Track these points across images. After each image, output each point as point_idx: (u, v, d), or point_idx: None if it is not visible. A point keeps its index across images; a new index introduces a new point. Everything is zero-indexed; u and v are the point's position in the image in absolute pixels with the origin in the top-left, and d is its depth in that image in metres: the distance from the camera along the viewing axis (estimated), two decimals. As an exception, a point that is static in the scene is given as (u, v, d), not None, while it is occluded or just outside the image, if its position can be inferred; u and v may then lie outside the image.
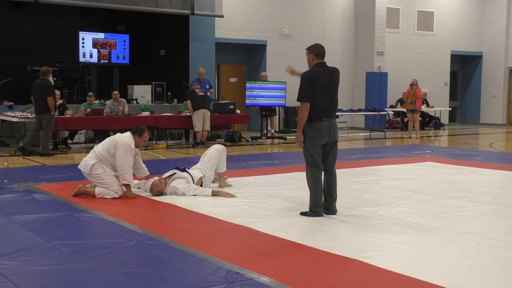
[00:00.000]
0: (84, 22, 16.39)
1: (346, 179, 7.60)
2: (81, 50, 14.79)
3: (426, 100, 18.71)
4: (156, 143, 12.69)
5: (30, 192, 6.88)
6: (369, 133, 16.36)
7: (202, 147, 12.44)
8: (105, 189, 6.52)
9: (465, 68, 22.33)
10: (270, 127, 15.50)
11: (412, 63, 19.97)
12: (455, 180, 8.02)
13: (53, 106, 10.77)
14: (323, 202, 5.70)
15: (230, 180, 7.65)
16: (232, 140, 13.59)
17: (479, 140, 15.95)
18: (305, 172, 5.77)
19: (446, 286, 3.67)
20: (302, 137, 5.69)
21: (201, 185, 6.95)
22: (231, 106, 13.80)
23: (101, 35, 15.24)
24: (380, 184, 7.59)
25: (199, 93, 12.79)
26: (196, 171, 7.01)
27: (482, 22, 21.48)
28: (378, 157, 10.77)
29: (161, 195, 6.72)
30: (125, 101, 13.10)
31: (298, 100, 5.60)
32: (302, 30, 17.77)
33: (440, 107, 19.82)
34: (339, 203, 5.84)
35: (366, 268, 4.06)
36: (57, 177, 7.95)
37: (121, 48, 15.45)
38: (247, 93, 14.63)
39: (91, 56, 15.01)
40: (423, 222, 5.43)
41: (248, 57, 17.97)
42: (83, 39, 14.83)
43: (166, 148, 12.36)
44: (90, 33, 15.07)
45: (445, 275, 3.87)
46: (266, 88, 14.89)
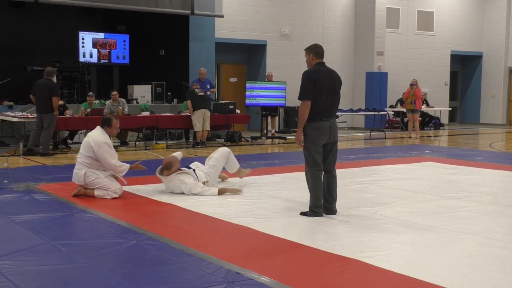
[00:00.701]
0: (84, 22, 16.39)
1: (346, 179, 7.60)
2: (81, 50, 14.79)
3: (426, 100, 18.71)
4: (156, 143, 12.68)
5: (30, 192, 6.88)
6: (369, 133, 16.35)
7: (202, 147, 12.45)
8: (104, 190, 6.54)
9: (465, 68, 22.32)
10: (270, 127, 15.50)
11: (412, 63, 19.97)
12: (455, 180, 8.02)
13: (57, 106, 10.85)
14: (323, 202, 5.70)
15: (230, 180, 7.66)
16: (232, 140, 13.59)
17: (479, 140, 15.95)
18: (305, 172, 5.77)
19: (446, 286, 3.67)
20: (303, 136, 5.69)
21: None
22: (231, 106, 13.81)
23: (101, 35, 15.24)
24: (380, 184, 7.59)
25: (199, 93, 12.78)
26: (202, 174, 7.00)
27: (482, 22, 21.47)
28: (378, 157, 10.77)
29: (168, 169, 6.72)
30: (125, 101, 13.09)
31: (299, 98, 5.58)
32: (302, 30, 17.77)
33: (440, 107, 19.81)
34: (339, 203, 5.84)
35: (366, 268, 4.06)
36: (57, 177, 7.95)
37: (121, 48, 15.45)
38: (247, 93, 14.64)
39: (91, 56, 15.01)
40: (423, 222, 5.43)
41: (248, 57, 17.97)
42: (83, 39, 14.83)
43: (166, 148, 12.36)
44: (90, 33, 15.07)
45: (445, 275, 3.87)
46: (266, 88, 14.89)
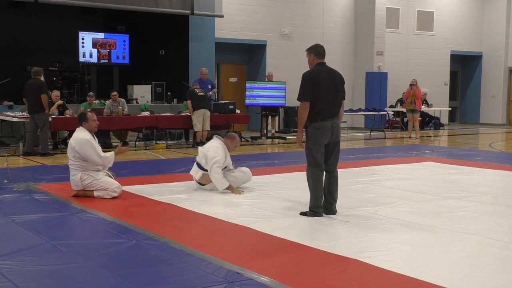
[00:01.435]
0: (84, 22, 16.39)
1: (346, 179, 7.59)
2: (81, 50, 14.78)
3: (426, 100, 18.70)
4: (156, 143, 12.68)
5: (30, 192, 6.88)
6: (369, 133, 16.35)
7: (202, 147, 12.44)
8: (103, 190, 6.55)
9: (465, 68, 22.32)
10: (270, 127, 15.49)
11: (412, 63, 19.96)
12: (455, 180, 8.02)
13: (47, 104, 10.68)
14: (323, 202, 5.70)
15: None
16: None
17: (479, 140, 15.95)
18: (305, 172, 5.77)
19: (446, 286, 3.67)
20: (303, 137, 5.67)
21: (206, 184, 7.01)
22: (231, 106, 13.80)
23: (101, 35, 15.23)
24: (380, 184, 7.59)
25: (199, 93, 12.78)
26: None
27: (482, 22, 21.47)
28: (378, 157, 10.76)
29: (231, 139, 7.10)
30: (125, 101, 13.08)
31: (298, 99, 5.59)
32: (302, 30, 17.77)
33: (440, 107, 19.80)
34: (339, 203, 5.83)
35: (366, 268, 4.06)
36: (57, 177, 7.95)
37: (121, 48, 15.44)
38: (247, 93, 14.64)
39: (91, 56, 15.00)
40: (423, 222, 5.43)
41: (248, 57, 17.96)
42: (83, 39, 14.82)
43: (166, 148, 12.36)
44: (90, 33, 15.06)
45: (445, 275, 3.87)
46: (266, 88, 14.89)
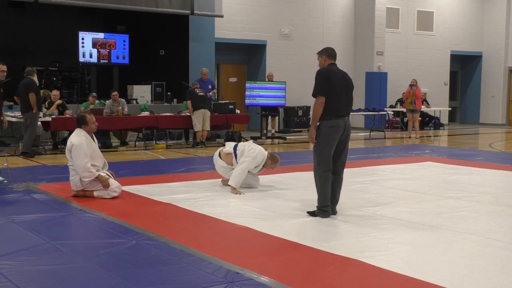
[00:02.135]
0: (84, 22, 16.39)
1: (346, 179, 7.49)
2: (80, 50, 14.78)
3: (426, 100, 18.71)
4: (156, 143, 12.67)
5: (30, 192, 6.88)
6: (369, 133, 16.35)
7: (202, 147, 12.45)
8: (103, 190, 6.55)
9: (465, 68, 22.32)
10: (270, 127, 15.49)
11: (412, 63, 19.96)
12: (455, 180, 8.02)
13: (35, 103, 10.53)
14: None
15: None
16: (232, 140, 13.52)
17: (479, 140, 15.95)
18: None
19: (446, 286, 3.67)
20: (315, 133, 5.58)
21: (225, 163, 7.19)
22: (231, 106, 13.80)
23: (100, 35, 15.22)
24: (380, 184, 7.59)
25: (199, 93, 12.78)
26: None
27: (482, 22, 21.47)
28: (378, 157, 10.76)
29: (274, 162, 7.12)
30: (125, 101, 13.09)
31: (313, 95, 5.52)
32: (302, 30, 17.77)
33: (440, 107, 19.80)
34: (339, 203, 5.83)
35: (366, 268, 4.07)
36: (57, 177, 7.94)
37: (120, 48, 15.44)
38: (247, 93, 14.63)
39: (90, 56, 15.00)
40: (423, 222, 5.43)
41: (248, 57, 17.96)
42: (82, 39, 14.82)
43: (166, 148, 12.35)
44: (90, 33, 15.06)
45: (445, 275, 3.87)
46: (266, 88, 14.88)
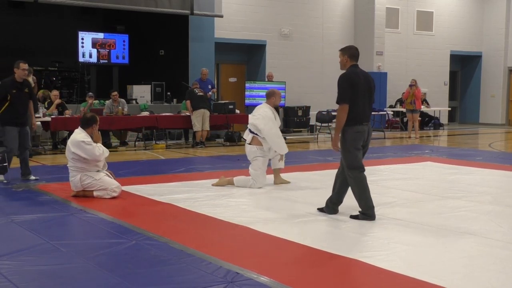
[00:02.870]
0: (84, 22, 16.38)
1: (346, 179, 7.59)
2: (80, 50, 14.77)
3: (425, 100, 18.71)
4: (156, 143, 12.68)
5: (30, 192, 6.88)
6: (368, 133, 16.31)
7: (202, 147, 12.45)
8: (103, 190, 6.55)
9: (464, 68, 22.32)
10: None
11: (411, 63, 19.96)
12: (454, 180, 8.02)
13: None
14: (327, 199, 5.69)
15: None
16: (231, 140, 13.57)
17: (479, 140, 15.95)
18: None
19: (446, 286, 3.67)
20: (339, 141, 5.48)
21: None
22: (231, 106, 13.80)
23: (100, 35, 15.22)
24: (380, 184, 7.58)
25: (199, 93, 12.77)
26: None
27: (481, 22, 21.47)
28: (378, 157, 10.75)
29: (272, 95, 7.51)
30: (124, 101, 13.08)
31: (337, 102, 5.42)
32: (302, 30, 17.76)
33: (440, 107, 19.80)
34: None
35: (366, 268, 4.06)
36: (57, 177, 7.95)
37: (120, 48, 15.43)
38: (247, 93, 14.65)
39: (90, 56, 14.99)
40: (423, 222, 5.43)
41: (248, 57, 17.96)
42: (82, 39, 14.81)
43: (165, 148, 12.35)
44: (90, 33, 15.05)
45: (445, 275, 3.87)
46: (266, 88, 14.85)
